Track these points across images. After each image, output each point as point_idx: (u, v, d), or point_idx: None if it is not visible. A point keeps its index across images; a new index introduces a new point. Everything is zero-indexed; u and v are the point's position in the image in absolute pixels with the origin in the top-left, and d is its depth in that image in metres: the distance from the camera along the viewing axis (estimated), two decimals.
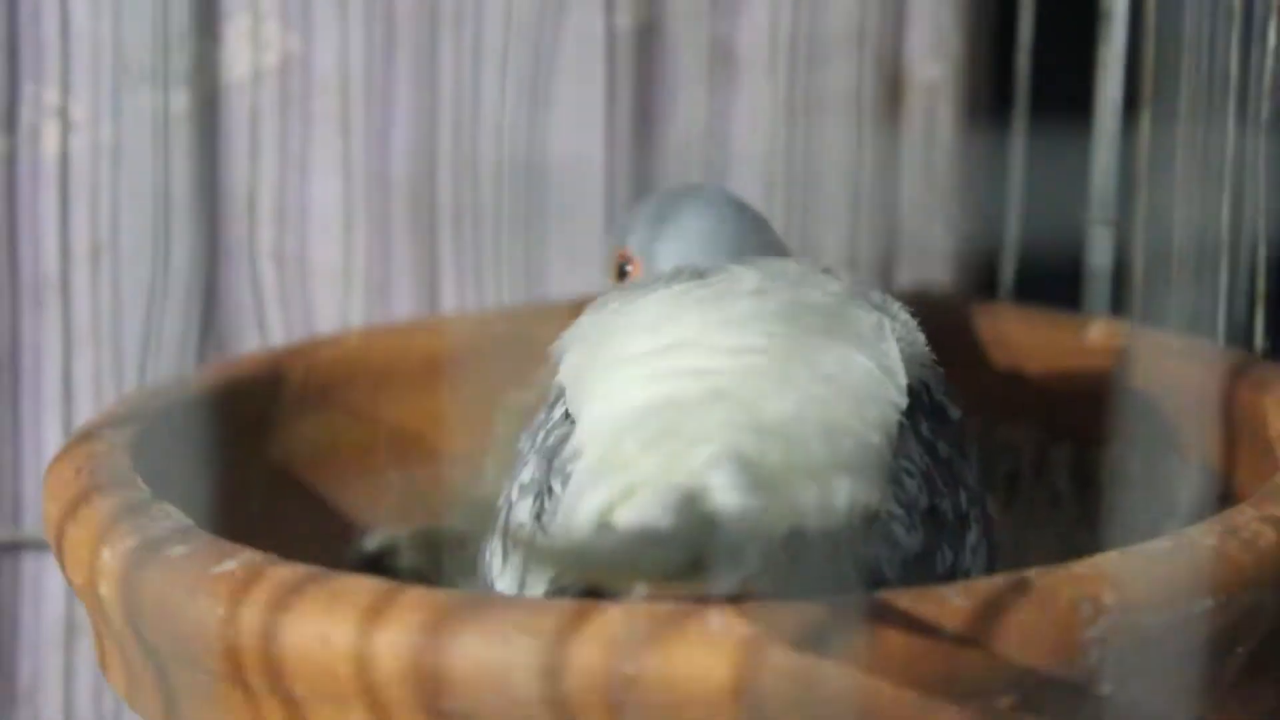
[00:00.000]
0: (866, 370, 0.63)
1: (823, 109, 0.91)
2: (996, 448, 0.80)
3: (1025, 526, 0.80)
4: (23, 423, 0.88)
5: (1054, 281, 0.87)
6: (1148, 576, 0.57)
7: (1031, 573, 0.57)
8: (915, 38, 0.90)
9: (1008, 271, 0.89)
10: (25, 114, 0.87)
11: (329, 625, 0.56)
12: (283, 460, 0.77)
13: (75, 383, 0.87)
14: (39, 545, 0.87)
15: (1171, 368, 0.75)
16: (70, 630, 0.88)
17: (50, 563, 0.87)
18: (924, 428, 0.64)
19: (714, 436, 0.59)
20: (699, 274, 0.67)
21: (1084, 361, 0.80)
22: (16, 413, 0.87)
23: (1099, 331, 0.81)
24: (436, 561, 0.77)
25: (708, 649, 0.54)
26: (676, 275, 0.68)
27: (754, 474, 0.56)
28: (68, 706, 0.88)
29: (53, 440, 0.87)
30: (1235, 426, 0.73)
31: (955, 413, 0.66)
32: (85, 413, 0.87)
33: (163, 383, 0.76)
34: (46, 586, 0.88)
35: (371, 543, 0.78)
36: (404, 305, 0.89)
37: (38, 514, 0.88)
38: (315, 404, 0.79)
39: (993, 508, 0.69)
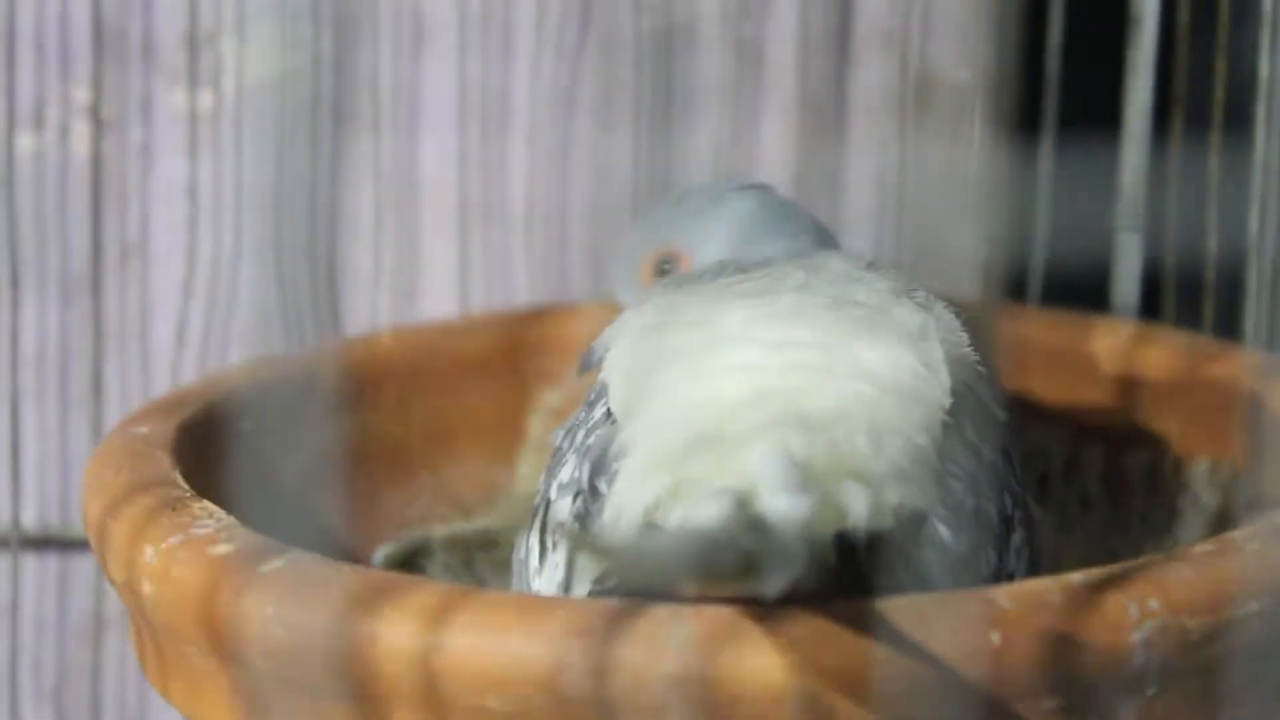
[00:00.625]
0: (912, 369, 0.63)
1: (850, 113, 0.91)
2: (1027, 450, 0.80)
3: (1057, 529, 0.80)
4: (52, 421, 0.88)
5: (1082, 289, 0.87)
6: (1193, 580, 0.57)
7: (1077, 575, 0.57)
8: (943, 42, 0.91)
9: (1036, 278, 0.89)
10: (54, 113, 0.87)
11: (380, 625, 0.56)
12: (316, 459, 0.77)
13: (105, 382, 0.88)
14: (70, 541, 0.88)
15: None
16: (99, 626, 0.88)
17: (81, 559, 0.88)
18: (969, 430, 0.64)
19: (761, 435, 0.59)
20: (743, 269, 0.67)
21: (1110, 364, 0.80)
22: (44, 411, 0.88)
23: (1124, 334, 0.81)
24: (468, 561, 0.77)
25: (763, 651, 0.54)
26: (720, 270, 0.68)
27: (802, 475, 0.56)
28: (95, 702, 0.88)
29: (81, 439, 0.88)
30: (1262, 424, 0.73)
31: (1001, 414, 0.66)
32: (114, 412, 0.87)
33: (197, 382, 0.76)
34: (76, 582, 0.88)
35: (404, 542, 0.78)
36: (433, 307, 0.89)
37: (67, 510, 0.88)
38: (348, 404, 0.79)
39: (1034, 508, 0.69)
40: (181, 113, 0.87)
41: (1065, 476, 0.81)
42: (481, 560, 0.77)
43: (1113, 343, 0.81)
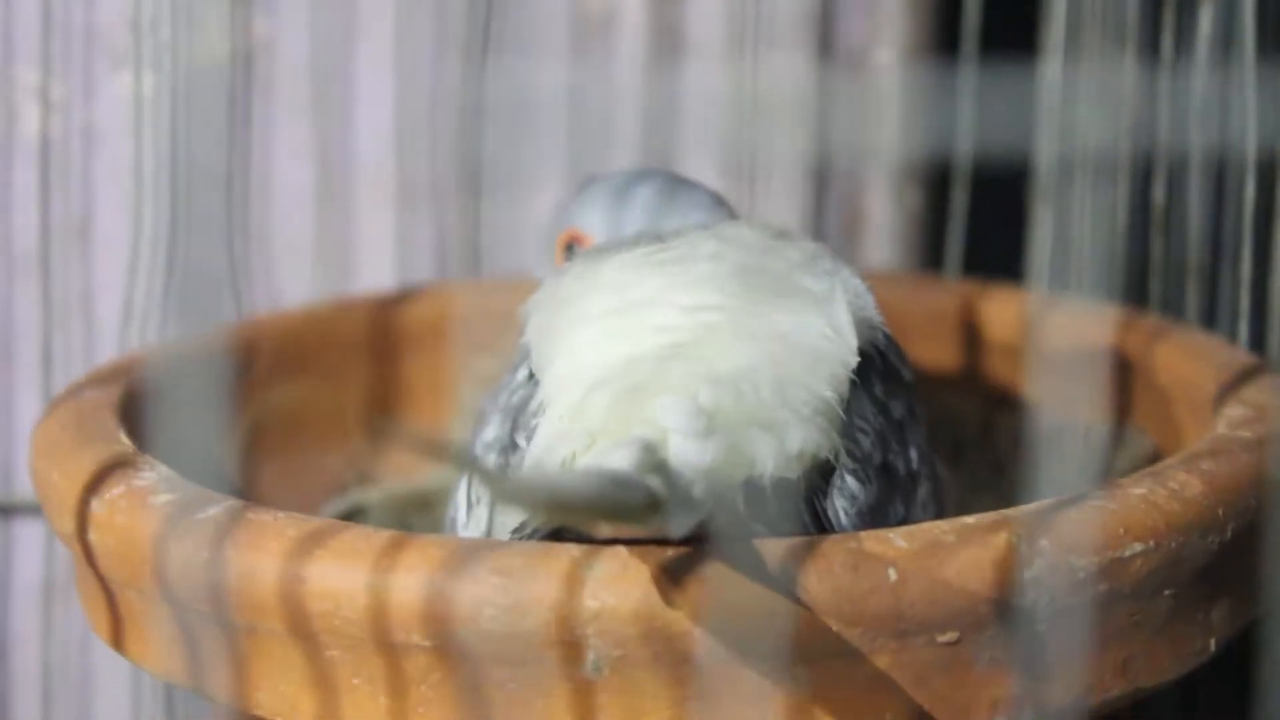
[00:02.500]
0: (819, 330, 0.66)
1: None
2: (942, 417, 0.84)
3: (969, 492, 0.83)
4: (6, 394, 0.91)
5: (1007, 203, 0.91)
6: (1080, 522, 0.61)
7: (971, 519, 0.61)
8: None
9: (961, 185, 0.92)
10: (3, 95, 0.90)
11: (310, 565, 0.59)
12: (256, 426, 0.80)
13: (53, 357, 0.90)
14: (15, 508, 0.90)
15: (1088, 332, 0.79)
16: (49, 591, 0.90)
17: (28, 526, 0.90)
18: (877, 388, 0.67)
19: (671, 388, 0.62)
20: (659, 239, 0.70)
21: (1018, 333, 0.83)
22: (4, 386, 0.91)
23: (1030, 304, 0.84)
24: (404, 523, 0.80)
25: (653, 586, 0.57)
26: (638, 240, 0.71)
27: (708, 422, 0.59)
28: (43, 667, 0.91)
29: (30, 413, 0.90)
30: (1167, 391, 0.77)
31: (908, 375, 0.70)
32: (62, 385, 0.89)
33: (141, 350, 0.79)
34: (24, 550, 0.91)
35: (341, 505, 0.80)
36: (369, 281, 0.92)
37: (12, 480, 0.91)
38: (287, 372, 0.82)
39: (941, 467, 0.72)
40: (127, 95, 0.90)
41: (979, 442, 0.84)
42: (417, 521, 0.80)
43: (1019, 312, 0.84)
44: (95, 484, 0.64)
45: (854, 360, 0.66)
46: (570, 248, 0.76)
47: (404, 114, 0.91)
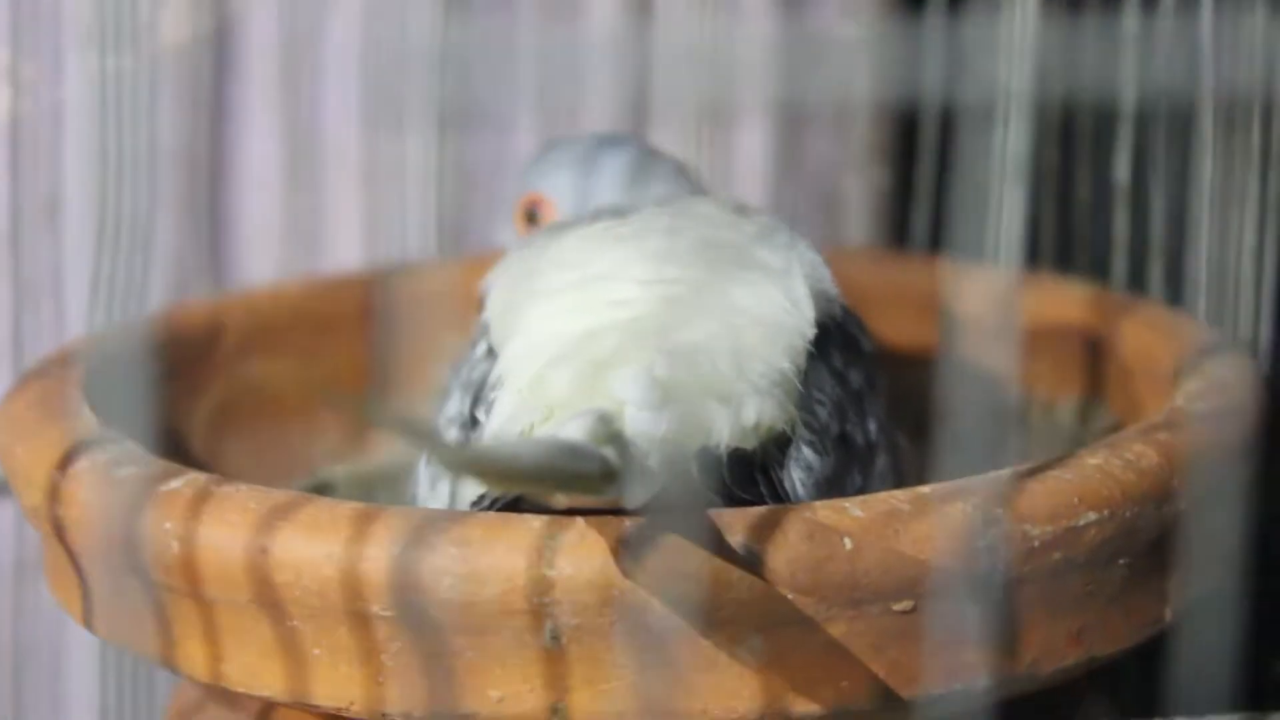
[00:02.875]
0: (775, 302, 0.67)
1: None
2: (904, 391, 0.84)
3: (933, 465, 0.83)
4: None
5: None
6: (1037, 492, 0.61)
7: (927, 489, 0.61)
8: None
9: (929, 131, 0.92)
10: None
11: (248, 534, 0.60)
12: (224, 403, 0.80)
13: (22, 335, 0.91)
14: None
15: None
16: (20, 571, 0.91)
17: (3, 507, 0.91)
18: (835, 360, 0.68)
19: (627, 361, 0.63)
20: (618, 214, 0.71)
21: (983, 309, 0.84)
22: None
23: (996, 280, 0.84)
24: (370, 499, 0.80)
25: (609, 556, 0.57)
26: (596, 216, 0.71)
27: (664, 393, 0.60)
28: (15, 646, 0.92)
29: (2, 390, 0.91)
30: (1129, 366, 0.77)
31: (867, 346, 0.70)
32: (32, 364, 0.90)
33: (108, 328, 0.80)
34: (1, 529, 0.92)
35: (308, 481, 0.81)
36: (336, 260, 0.93)
37: None
38: (255, 350, 0.82)
39: (900, 438, 0.73)
40: (95, 74, 0.91)
41: (941, 415, 0.85)
42: (383, 497, 0.81)
43: (985, 288, 0.84)
44: (59, 459, 0.64)
45: (811, 332, 0.67)
46: (531, 214, 0.76)
47: (373, 90, 0.92)
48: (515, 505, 0.60)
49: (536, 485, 0.57)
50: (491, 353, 0.68)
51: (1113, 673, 0.69)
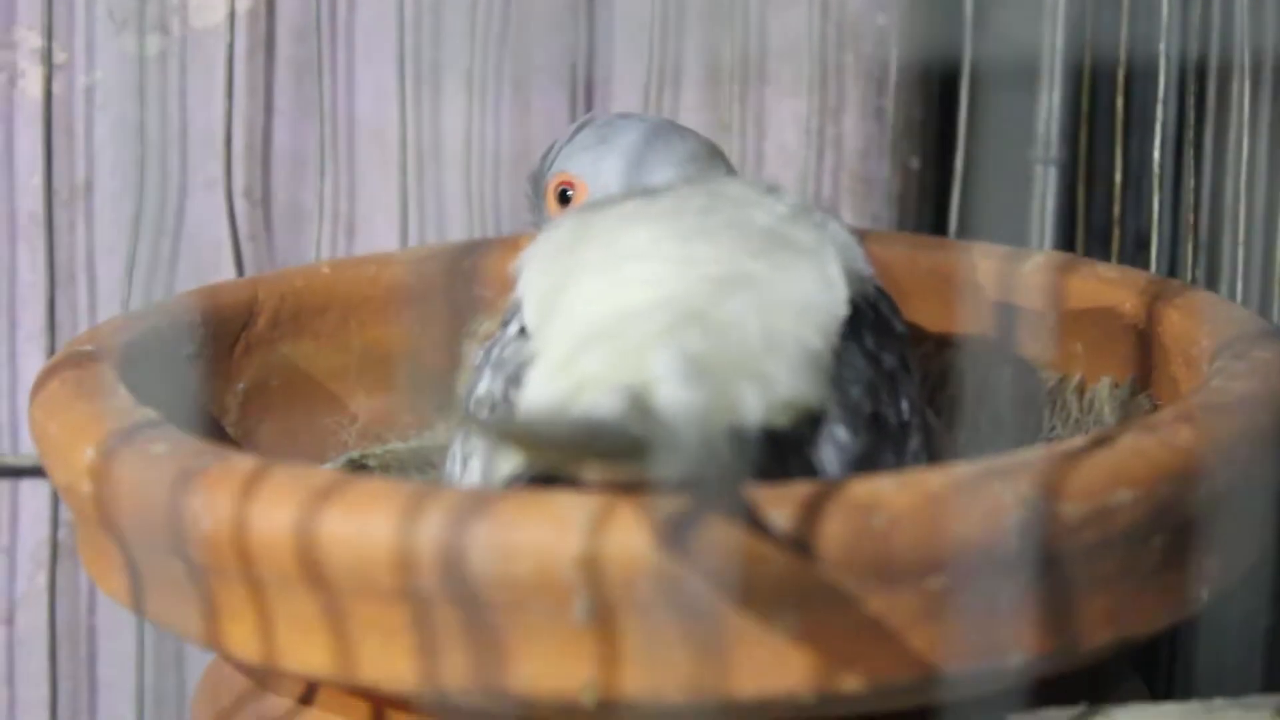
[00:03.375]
0: (808, 281, 0.67)
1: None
2: (941, 373, 0.84)
3: (969, 446, 0.83)
4: (5, 355, 0.91)
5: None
6: (1069, 470, 0.61)
7: (961, 467, 0.61)
8: None
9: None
10: (7, 57, 0.90)
11: (306, 514, 0.60)
12: (257, 383, 0.80)
13: (57, 317, 0.91)
14: (28, 471, 0.91)
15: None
16: (55, 552, 0.91)
17: (35, 488, 0.91)
18: (868, 340, 0.68)
19: (659, 337, 0.63)
20: (650, 194, 0.71)
21: (1021, 291, 0.84)
22: (8, 346, 0.91)
23: (1032, 263, 0.84)
24: (405, 479, 0.81)
25: (646, 531, 0.57)
26: (628, 196, 0.71)
27: (696, 369, 0.60)
28: (50, 625, 0.92)
29: (33, 372, 0.91)
30: (1167, 348, 0.77)
31: (899, 327, 0.70)
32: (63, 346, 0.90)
33: (143, 308, 0.80)
34: (30, 510, 0.92)
35: (342, 461, 0.81)
36: (372, 242, 0.93)
37: (25, 441, 0.92)
38: (288, 331, 0.82)
39: (933, 419, 0.73)
40: (130, 56, 0.91)
41: (978, 398, 0.85)
42: (415, 478, 0.81)
43: (1020, 270, 0.84)
44: (96, 438, 0.64)
45: (844, 311, 0.67)
46: (563, 194, 0.76)
47: (409, 72, 0.92)
48: (549, 483, 0.60)
49: (573, 458, 0.57)
50: (524, 332, 0.68)
51: (1147, 652, 0.68)
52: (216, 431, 0.77)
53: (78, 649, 0.93)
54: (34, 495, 0.92)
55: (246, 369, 0.80)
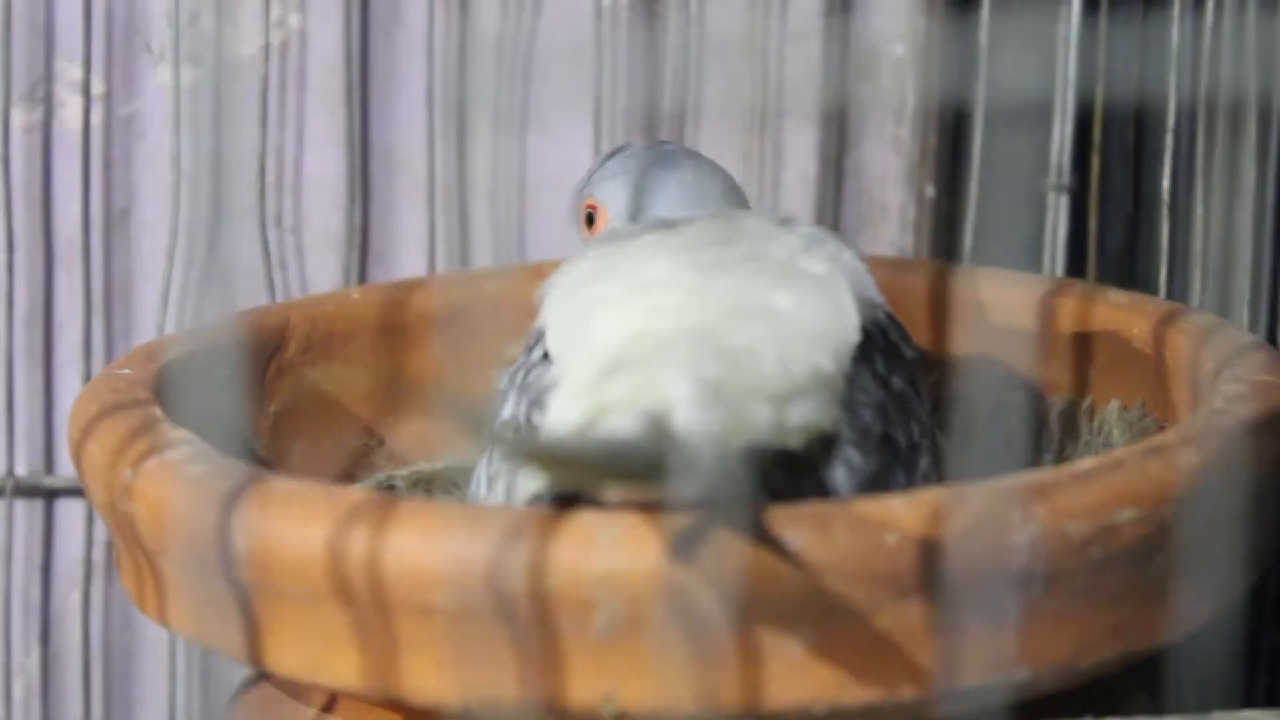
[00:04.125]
0: (820, 309, 0.69)
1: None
2: (953, 397, 0.86)
3: (980, 468, 0.85)
4: (41, 379, 0.94)
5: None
6: (1076, 490, 0.63)
7: (969, 487, 0.63)
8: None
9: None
10: (47, 89, 0.93)
11: (324, 530, 0.62)
12: (288, 406, 0.83)
13: (93, 341, 0.93)
14: (64, 491, 0.94)
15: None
16: (90, 570, 0.94)
17: (71, 508, 0.94)
18: (878, 363, 0.70)
19: (678, 363, 0.65)
20: (670, 226, 0.73)
21: (1031, 316, 0.86)
22: (35, 370, 0.94)
23: (1042, 288, 0.86)
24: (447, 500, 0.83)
25: (661, 548, 0.60)
26: (649, 227, 0.74)
27: (713, 393, 0.62)
28: (84, 641, 0.94)
29: (70, 398, 0.93)
30: (1172, 371, 0.79)
31: (909, 352, 0.72)
32: (100, 369, 0.92)
33: (178, 333, 0.82)
34: (65, 529, 0.94)
35: (370, 482, 0.83)
36: (399, 270, 0.95)
37: (60, 463, 0.94)
38: (319, 355, 0.84)
39: (942, 440, 0.75)
40: (166, 87, 0.93)
41: (990, 421, 0.87)
42: (443, 499, 0.83)
43: (1032, 296, 0.86)
44: (130, 456, 0.67)
45: (855, 337, 0.69)
46: (589, 216, 0.79)
47: (437, 105, 0.94)
48: (570, 502, 0.62)
49: (594, 478, 0.59)
50: (547, 357, 0.70)
51: (1150, 667, 0.70)
52: (248, 453, 0.79)
53: (111, 667, 0.95)
54: (69, 515, 0.94)
55: (278, 392, 0.82)
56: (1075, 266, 0.96)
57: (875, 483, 0.67)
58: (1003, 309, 0.86)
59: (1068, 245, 0.95)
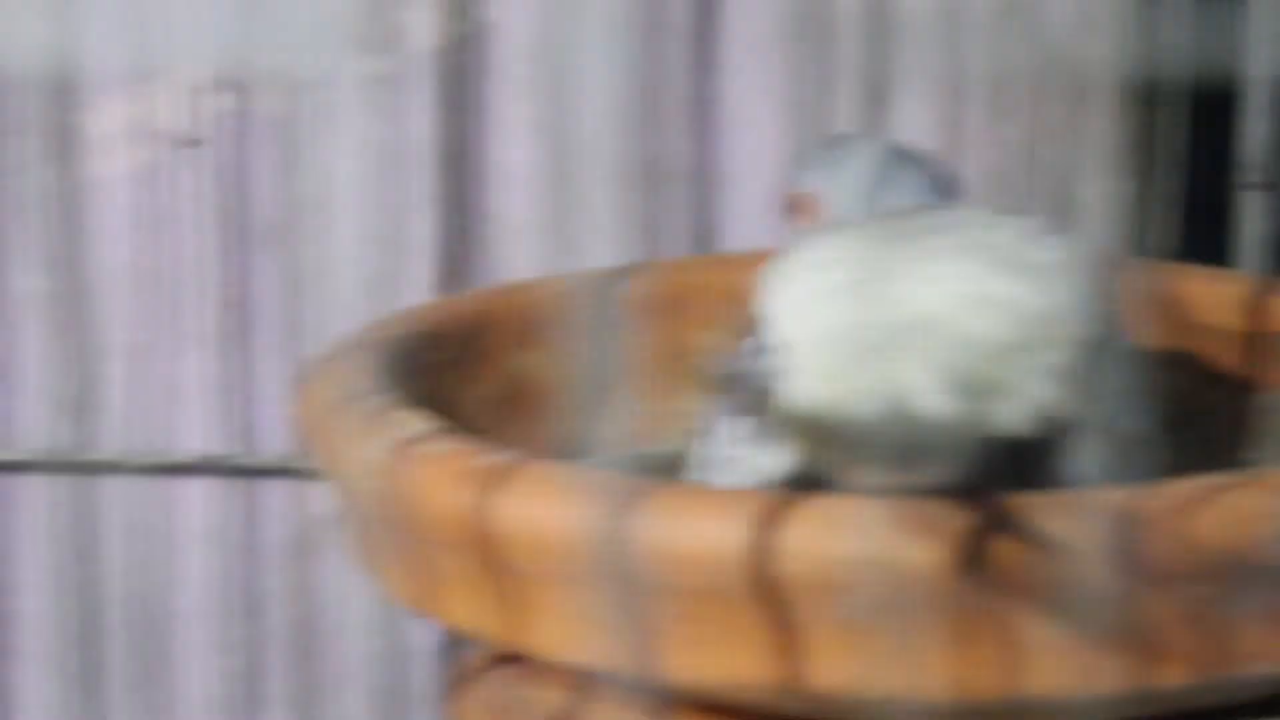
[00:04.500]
0: (1054, 300, 0.69)
1: None
2: (1159, 394, 0.85)
3: (1198, 463, 0.85)
4: (247, 362, 0.95)
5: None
6: None
7: (1219, 478, 0.63)
8: None
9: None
10: (245, 77, 0.94)
11: (572, 509, 0.63)
12: (494, 392, 0.83)
13: (295, 327, 0.95)
14: (266, 471, 0.95)
15: None
16: (295, 550, 0.95)
17: (275, 488, 0.95)
18: (1107, 356, 0.70)
19: (915, 352, 0.65)
20: (893, 215, 0.74)
21: (1233, 314, 0.85)
22: (240, 352, 0.95)
23: (1244, 285, 0.86)
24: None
25: (928, 537, 0.60)
26: (872, 217, 0.74)
27: (955, 382, 0.63)
28: (294, 621, 0.95)
29: (270, 380, 0.95)
30: None
31: (1132, 345, 0.72)
32: (300, 354, 0.94)
33: (390, 317, 0.83)
34: (273, 510, 0.95)
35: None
36: (593, 258, 0.96)
37: (263, 443, 0.95)
38: (520, 342, 0.85)
39: (1161, 434, 0.75)
40: (364, 76, 0.94)
41: (1195, 418, 0.86)
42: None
43: (1237, 293, 0.86)
44: (369, 432, 0.67)
45: (1085, 328, 0.69)
46: (798, 206, 0.79)
47: (628, 94, 0.94)
48: (809, 487, 0.63)
49: (843, 459, 0.60)
50: (773, 347, 0.70)
51: None
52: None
53: (312, 645, 0.96)
54: (270, 495, 0.95)
55: (484, 377, 0.83)
56: (1271, 262, 0.95)
57: (1111, 473, 0.67)
58: (1206, 307, 0.86)
59: (1267, 244, 0.94)
